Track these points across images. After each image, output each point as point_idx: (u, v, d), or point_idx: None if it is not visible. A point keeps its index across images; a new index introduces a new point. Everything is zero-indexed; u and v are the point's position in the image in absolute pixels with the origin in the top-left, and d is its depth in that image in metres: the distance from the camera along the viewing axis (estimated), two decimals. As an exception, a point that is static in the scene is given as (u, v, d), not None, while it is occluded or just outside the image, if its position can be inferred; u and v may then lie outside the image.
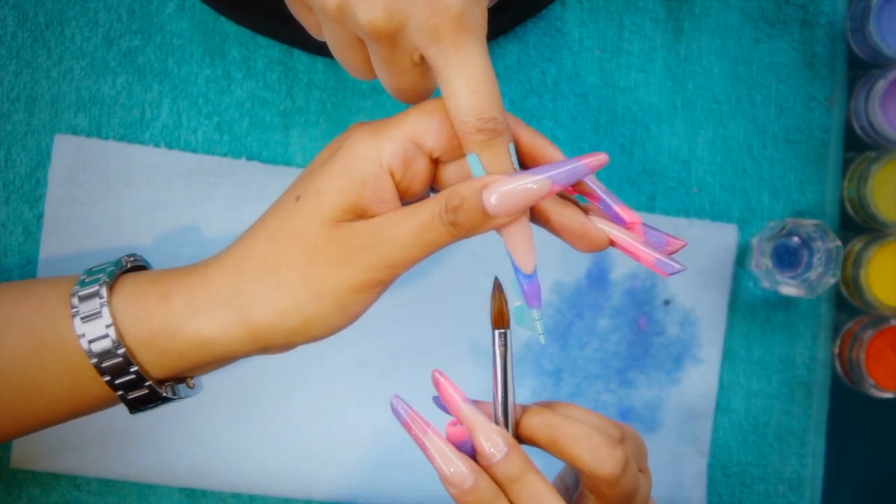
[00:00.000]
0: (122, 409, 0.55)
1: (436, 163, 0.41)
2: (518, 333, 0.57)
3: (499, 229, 0.40)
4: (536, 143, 0.41)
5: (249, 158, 0.57)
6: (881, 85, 0.57)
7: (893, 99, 0.58)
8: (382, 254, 0.40)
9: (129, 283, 0.43)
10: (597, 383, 0.58)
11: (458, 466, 0.40)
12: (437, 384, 0.42)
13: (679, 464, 0.59)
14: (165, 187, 0.56)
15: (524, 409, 0.42)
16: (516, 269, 0.41)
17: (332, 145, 0.42)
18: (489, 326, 0.43)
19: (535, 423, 0.42)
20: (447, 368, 0.57)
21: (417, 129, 0.40)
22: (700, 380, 0.59)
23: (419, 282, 0.57)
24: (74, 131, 0.55)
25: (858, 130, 0.59)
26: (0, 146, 0.55)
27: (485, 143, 0.38)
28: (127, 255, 0.46)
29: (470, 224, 0.39)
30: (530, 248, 0.41)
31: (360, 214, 0.40)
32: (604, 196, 0.41)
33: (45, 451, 0.55)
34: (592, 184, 0.41)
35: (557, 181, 0.39)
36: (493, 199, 0.39)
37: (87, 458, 0.55)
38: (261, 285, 0.41)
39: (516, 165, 0.40)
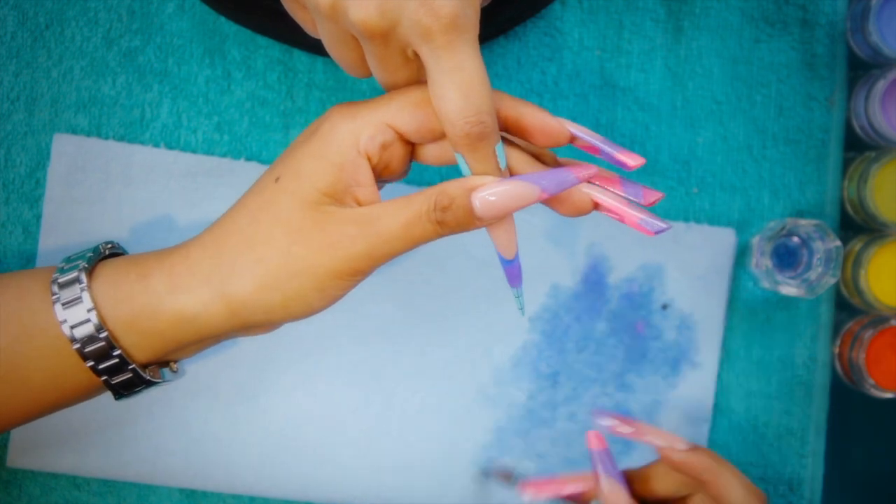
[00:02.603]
0: (121, 409, 0.56)
1: (414, 144, 0.42)
2: (518, 332, 0.57)
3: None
4: (521, 112, 0.41)
5: (249, 158, 0.57)
6: (881, 85, 0.57)
7: (893, 99, 0.58)
8: (367, 246, 0.40)
9: (109, 268, 0.43)
10: (594, 387, 0.58)
11: None
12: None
13: (676, 466, 0.59)
14: (165, 187, 0.56)
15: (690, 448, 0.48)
16: (499, 254, 0.42)
17: (311, 127, 0.42)
18: (489, 331, 0.42)
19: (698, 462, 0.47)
20: (446, 370, 0.57)
21: (394, 115, 0.40)
22: (697, 384, 0.59)
23: (419, 284, 0.57)
24: (74, 131, 0.55)
25: (858, 130, 0.59)
26: (0, 146, 0.55)
27: (471, 146, 0.39)
28: (105, 243, 0.46)
29: (456, 223, 0.40)
30: (511, 238, 0.42)
31: (337, 198, 0.40)
32: (603, 146, 0.42)
33: (45, 451, 0.55)
34: (589, 137, 0.42)
35: (546, 189, 0.40)
36: (481, 203, 0.39)
37: (87, 458, 0.55)
38: (242, 261, 0.41)
39: (503, 166, 0.40)
